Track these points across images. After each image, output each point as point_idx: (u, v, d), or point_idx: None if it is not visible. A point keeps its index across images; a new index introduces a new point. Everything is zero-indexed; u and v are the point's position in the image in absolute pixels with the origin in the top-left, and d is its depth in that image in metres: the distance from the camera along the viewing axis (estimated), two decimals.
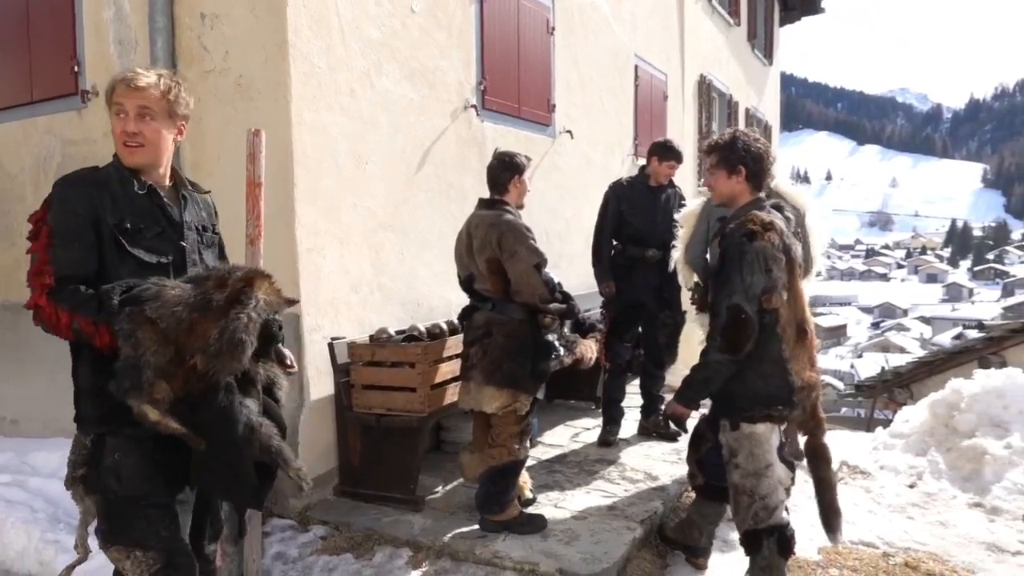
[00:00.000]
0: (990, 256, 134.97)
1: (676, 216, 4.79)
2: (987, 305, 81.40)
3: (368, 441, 3.75)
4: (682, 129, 9.41)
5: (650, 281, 4.75)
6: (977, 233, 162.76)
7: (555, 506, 3.79)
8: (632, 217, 4.78)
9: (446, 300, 4.84)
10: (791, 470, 3.02)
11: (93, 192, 2.01)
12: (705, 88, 10.21)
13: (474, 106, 5.04)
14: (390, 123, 4.32)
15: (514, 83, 5.54)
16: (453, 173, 4.88)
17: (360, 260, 4.12)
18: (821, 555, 3.75)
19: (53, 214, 2.00)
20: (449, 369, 3.81)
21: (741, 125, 12.13)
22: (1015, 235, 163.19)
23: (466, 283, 3.57)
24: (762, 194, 3.02)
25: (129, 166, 2.09)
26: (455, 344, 3.87)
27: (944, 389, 5.24)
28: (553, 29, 6.05)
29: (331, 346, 3.77)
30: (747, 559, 3.00)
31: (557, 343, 3.53)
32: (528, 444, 3.52)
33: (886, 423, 10.71)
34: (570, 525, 3.54)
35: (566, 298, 3.45)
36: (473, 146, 5.09)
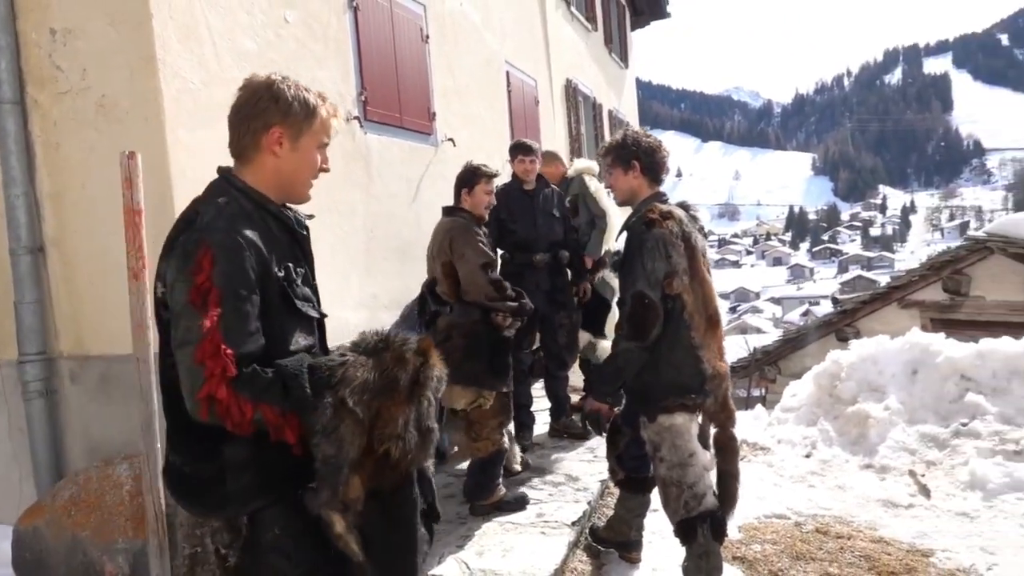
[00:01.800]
0: (825, 237, 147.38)
1: (555, 212, 4.86)
2: (826, 282, 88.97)
3: None
4: (554, 132, 9.59)
5: (541, 285, 4.76)
6: (812, 217, 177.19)
7: (485, 519, 3.71)
8: (513, 224, 4.78)
9: (343, 320, 4.63)
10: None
11: (258, 236, 1.67)
12: (572, 92, 10.47)
13: (357, 118, 4.88)
14: None
15: (394, 93, 5.42)
16: (340, 189, 4.69)
17: None
18: (742, 533, 3.89)
19: (220, 272, 1.57)
20: None
21: (605, 127, 12.53)
22: (844, 216, 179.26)
23: (430, 286, 3.83)
24: (661, 188, 3.10)
25: (302, 201, 1.88)
26: None
27: (825, 361, 5.60)
28: (427, 37, 5.97)
29: None
30: (681, 547, 3.06)
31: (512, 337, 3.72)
32: (505, 433, 3.78)
33: (761, 400, 11.40)
34: (503, 538, 3.47)
35: (517, 296, 3.65)
36: (359, 159, 4.92)
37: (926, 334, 5.61)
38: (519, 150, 4.86)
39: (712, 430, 3.04)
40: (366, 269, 4.93)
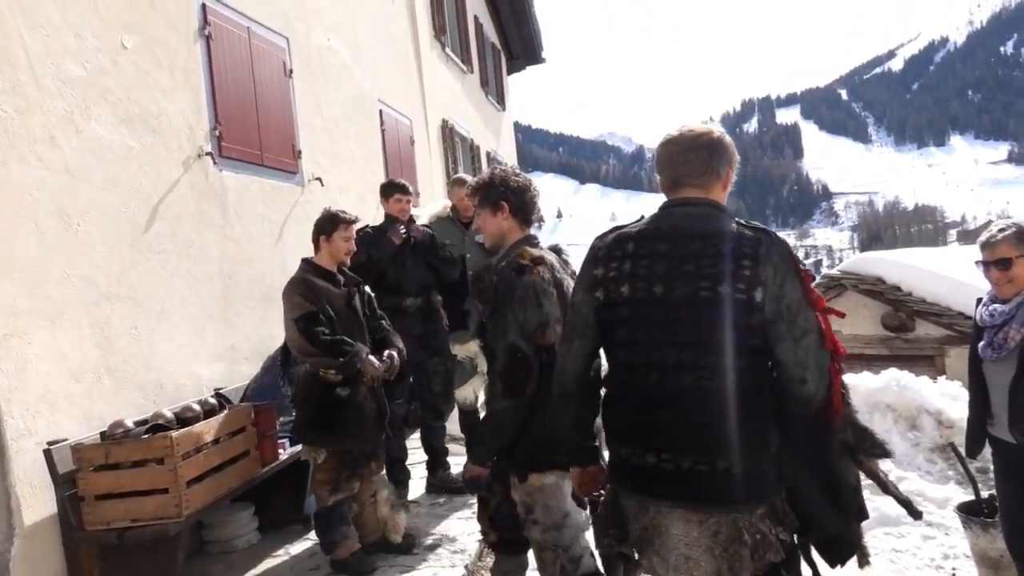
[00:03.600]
0: None
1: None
2: None
3: (110, 564, 3.03)
4: (431, 172, 9.42)
5: (413, 330, 4.49)
6: None
7: None
8: (384, 267, 4.52)
9: (195, 376, 4.19)
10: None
11: None
12: (448, 132, 10.37)
13: (210, 153, 4.48)
14: (106, 175, 3.65)
15: (254, 128, 5.06)
16: (191, 230, 4.27)
17: (80, 341, 3.38)
18: None
19: None
20: (208, 459, 3.23)
21: (484, 167, 12.53)
22: None
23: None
24: (531, 231, 2.94)
25: None
26: (213, 427, 3.31)
27: None
28: (291, 71, 5.66)
29: (48, 452, 3.00)
30: None
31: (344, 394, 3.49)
32: (344, 490, 3.51)
33: None
34: None
35: (341, 352, 3.41)
36: (213, 199, 4.51)
37: None
38: (395, 189, 4.61)
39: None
40: (223, 318, 4.50)
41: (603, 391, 2.18)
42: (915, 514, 2.23)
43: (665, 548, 1.95)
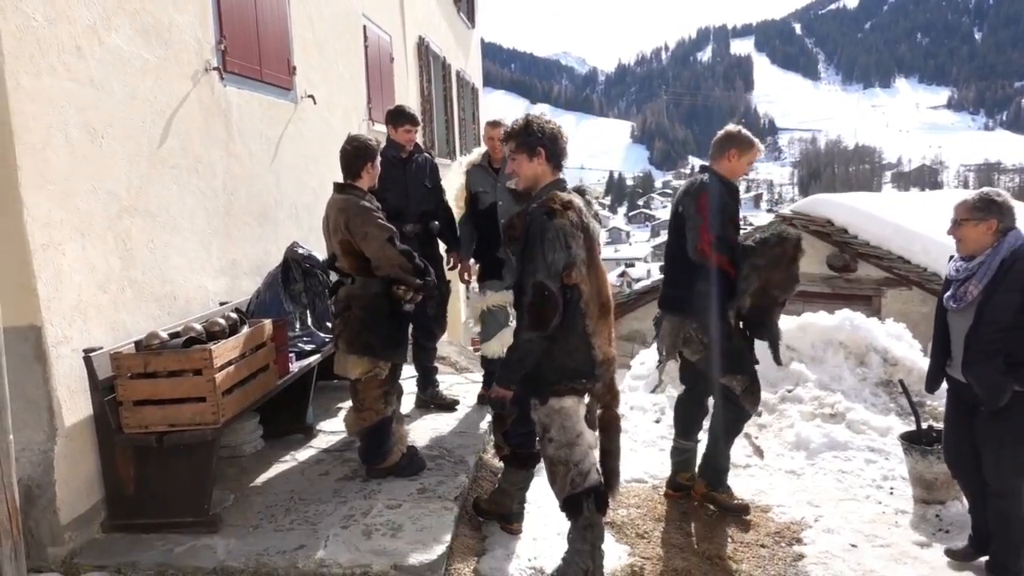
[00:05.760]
0: (640, 202, 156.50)
1: (426, 183, 4.79)
2: (640, 245, 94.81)
3: (145, 464, 3.24)
4: (407, 91, 9.35)
5: None
6: (630, 183, 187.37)
7: (364, 497, 3.66)
8: (385, 192, 4.63)
9: (203, 289, 4.32)
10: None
11: None
12: (424, 50, 10.23)
13: (216, 68, 4.47)
14: (126, 88, 3.65)
15: (254, 43, 5.02)
16: (200, 146, 4.30)
17: (106, 253, 3.47)
18: None
19: None
20: (238, 372, 3.42)
21: (454, 88, 12.41)
22: (658, 183, 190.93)
23: (330, 261, 3.79)
24: (561, 174, 3.15)
25: None
26: (241, 341, 3.49)
27: None
28: None
29: (88, 360, 3.15)
30: (558, 517, 3.21)
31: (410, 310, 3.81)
32: (393, 402, 3.85)
33: None
34: (389, 516, 3.45)
35: (422, 273, 3.69)
36: (218, 114, 4.53)
37: None
38: (406, 119, 4.69)
39: (598, 411, 3.20)
40: (226, 234, 4.59)
41: None
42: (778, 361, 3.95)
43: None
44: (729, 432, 4.02)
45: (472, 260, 4.96)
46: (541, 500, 3.85)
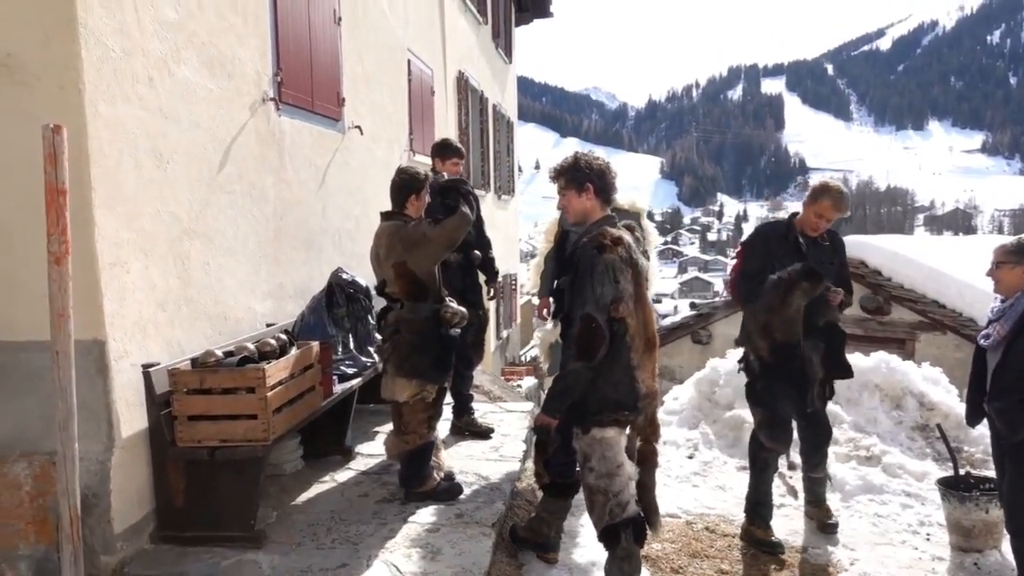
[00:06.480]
0: (668, 238, 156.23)
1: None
2: (668, 281, 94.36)
3: (196, 478, 3.34)
4: (446, 123, 9.57)
5: (453, 283, 4.78)
6: (658, 219, 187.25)
7: (403, 520, 3.72)
8: None
9: (251, 311, 4.45)
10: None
11: None
12: (463, 84, 10.47)
13: (273, 99, 4.66)
14: (191, 117, 3.83)
15: (307, 75, 5.22)
16: (255, 172, 4.47)
17: (166, 272, 3.62)
18: None
19: None
20: (288, 391, 3.53)
21: (490, 121, 12.65)
22: (686, 220, 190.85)
23: (380, 288, 3.93)
24: (610, 209, 3.24)
25: None
26: (291, 362, 3.60)
27: (705, 368, 6.04)
28: (340, 19, 5.78)
29: (147, 375, 3.27)
30: (594, 548, 3.24)
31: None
32: (435, 427, 3.98)
33: None
34: (428, 539, 3.50)
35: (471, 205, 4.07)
36: (272, 143, 4.70)
37: None
38: (454, 153, 4.87)
39: (637, 443, 3.25)
40: (274, 258, 4.74)
41: None
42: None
43: None
44: (753, 463, 4.15)
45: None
46: (577, 532, 3.88)
